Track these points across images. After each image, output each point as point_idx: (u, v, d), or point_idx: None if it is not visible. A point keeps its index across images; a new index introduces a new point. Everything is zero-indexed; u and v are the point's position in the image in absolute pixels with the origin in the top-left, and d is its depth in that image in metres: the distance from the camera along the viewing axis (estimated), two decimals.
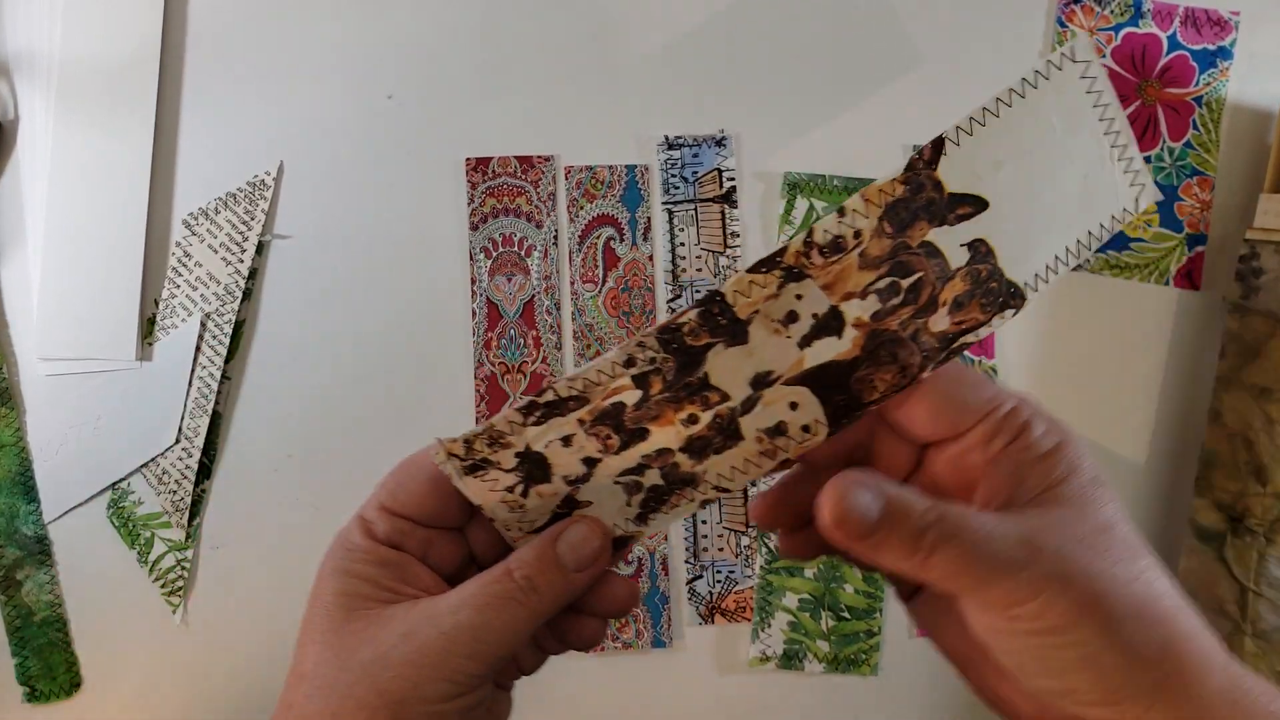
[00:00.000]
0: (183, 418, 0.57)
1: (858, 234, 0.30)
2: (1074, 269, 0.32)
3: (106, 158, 0.57)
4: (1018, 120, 0.29)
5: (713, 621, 0.58)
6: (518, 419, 0.30)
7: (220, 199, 0.58)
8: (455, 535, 0.32)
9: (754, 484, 0.57)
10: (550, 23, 0.59)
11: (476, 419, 0.58)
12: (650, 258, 0.59)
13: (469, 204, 0.59)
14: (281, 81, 0.59)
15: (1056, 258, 0.30)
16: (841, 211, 0.30)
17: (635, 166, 0.59)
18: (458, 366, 0.59)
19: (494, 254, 0.59)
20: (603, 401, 0.30)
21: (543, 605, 0.29)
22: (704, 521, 0.58)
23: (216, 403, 0.58)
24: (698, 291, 0.59)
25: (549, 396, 0.30)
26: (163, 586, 0.58)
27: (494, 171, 0.59)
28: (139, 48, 0.57)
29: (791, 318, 0.30)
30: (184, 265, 0.58)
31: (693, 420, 0.30)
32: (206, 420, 0.57)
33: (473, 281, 0.59)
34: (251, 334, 0.58)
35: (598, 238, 0.59)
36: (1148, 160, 0.59)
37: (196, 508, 0.58)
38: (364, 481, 0.60)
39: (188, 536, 0.58)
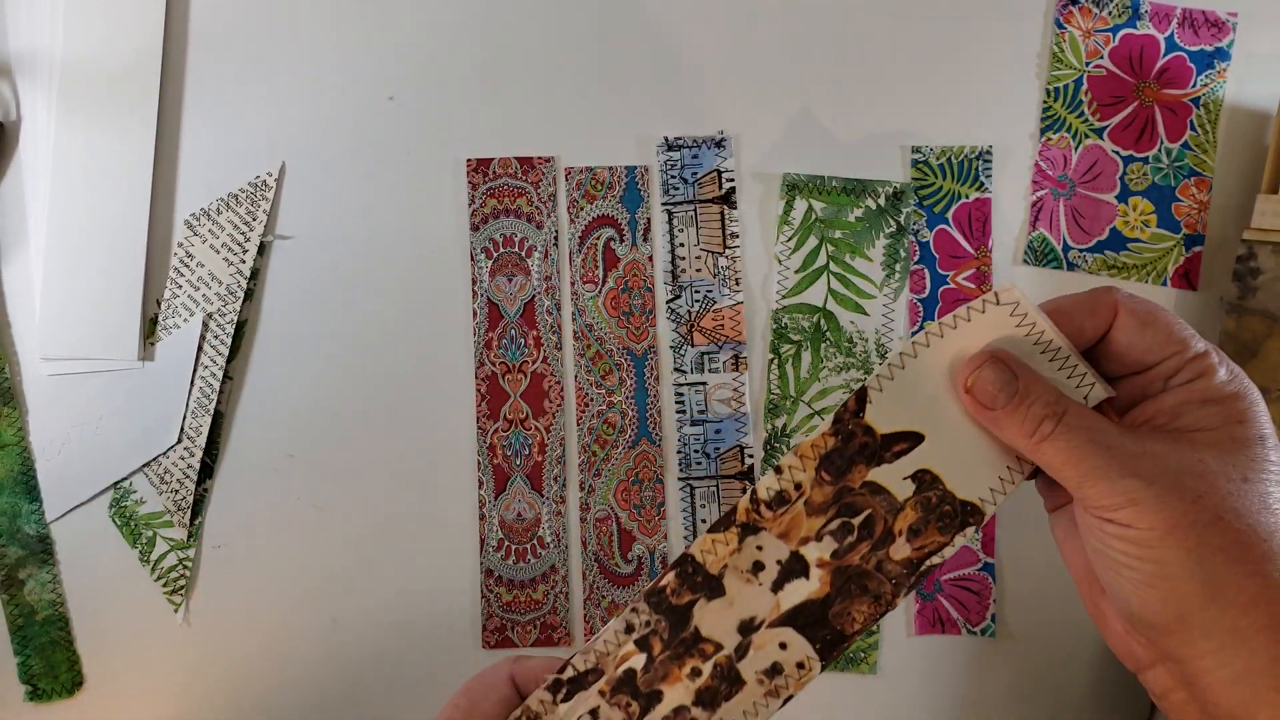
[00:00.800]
0: (185, 417, 0.57)
1: (798, 486, 0.32)
2: (1029, 477, 0.33)
3: (108, 158, 0.57)
4: (943, 356, 0.32)
5: None
6: (548, 698, 0.32)
7: (222, 199, 0.58)
8: None
9: None
10: (550, 23, 0.59)
11: (477, 419, 0.58)
12: (650, 258, 0.59)
13: (470, 205, 0.59)
14: (283, 82, 0.59)
15: (1009, 468, 0.32)
16: (779, 469, 0.32)
17: (635, 167, 0.59)
18: (459, 366, 0.59)
19: (494, 254, 0.59)
20: (616, 670, 0.32)
21: None
22: (703, 521, 0.59)
23: (218, 402, 0.58)
24: (696, 291, 0.59)
25: (570, 673, 0.32)
26: (164, 585, 0.58)
27: (494, 172, 0.59)
28: (141, 48, 0.58)
29: (758, 567, 0.32)
30: (186, 265, 0.58)
31: (696, 673, 0.32)
32: (208, 420, 0.57)
33: (473, 282, 0.59)
34: (253, 334, 0.59)
35: (598, 238, 0.59)
36: (1145, 162, 0.59)
37: (198, 507, 0.58)
38: (364, 482, 0.61)
39: (189, 536, 0.58)
